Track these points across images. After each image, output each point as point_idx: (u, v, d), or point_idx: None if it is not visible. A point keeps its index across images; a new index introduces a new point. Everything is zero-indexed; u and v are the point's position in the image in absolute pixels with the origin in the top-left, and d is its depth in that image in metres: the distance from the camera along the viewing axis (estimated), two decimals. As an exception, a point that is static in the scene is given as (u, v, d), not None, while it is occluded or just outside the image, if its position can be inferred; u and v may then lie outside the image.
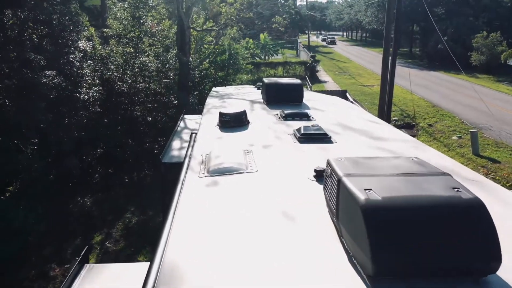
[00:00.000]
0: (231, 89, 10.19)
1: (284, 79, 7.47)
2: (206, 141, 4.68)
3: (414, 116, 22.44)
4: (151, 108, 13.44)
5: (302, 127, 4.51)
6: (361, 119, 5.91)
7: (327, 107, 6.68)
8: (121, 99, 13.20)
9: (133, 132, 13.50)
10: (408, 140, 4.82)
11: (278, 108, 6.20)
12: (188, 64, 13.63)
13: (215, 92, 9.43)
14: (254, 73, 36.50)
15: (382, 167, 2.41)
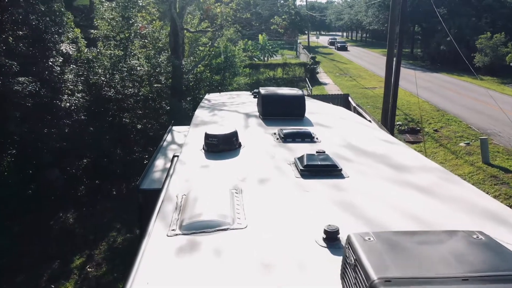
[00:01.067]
0: (225, 96, 9.31)
1: (284, 89, 6.59)
2: (187, 171, 3.80)
3: (419, 121, 21.56)
4: (141, 115, 12.56)
5: (306, 156, 3.62)
6: (373, 138, 5.04)
7: (333, 122, 5.81)
8: (109, 106, 12.32)
9: (121, 141, 12.63)
10: (435, 169, 3.94)
11: (276, 125, 5.33)
12: (181, 67, 12.75)
13: (207, 100, 8.56)
14: (252, 75, 35.64)
15: (436, 257, 1.53)
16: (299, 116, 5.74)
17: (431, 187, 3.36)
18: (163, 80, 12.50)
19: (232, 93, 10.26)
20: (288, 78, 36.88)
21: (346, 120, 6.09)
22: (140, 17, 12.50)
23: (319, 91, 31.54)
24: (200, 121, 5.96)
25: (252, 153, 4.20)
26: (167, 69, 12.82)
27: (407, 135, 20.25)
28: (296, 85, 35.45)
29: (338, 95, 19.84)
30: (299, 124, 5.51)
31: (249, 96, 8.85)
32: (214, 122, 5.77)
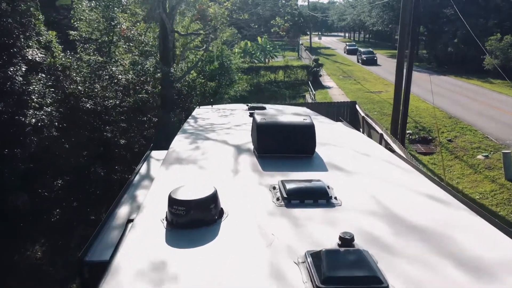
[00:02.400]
0: (216, 113, 7.88)
1: (286, 113, 5.10)
2: (138, 251, 2.39)
3: (431, 129, 20.09)
4: (125, 128, 11.11)
5: (326, 257, 2.15)
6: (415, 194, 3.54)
7: (351, 160, 4.34)
8: (88, 118, 10.87)
9: (102, 158, 11.19)
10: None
11: (276, 167, 3.89)
12: (170, 75, 11.32)
13: (193, 119, 7.15)
14: (253, 78, 34.21)
15: None
16: (308, 153, 4.29)
17: None
18: (149, 89, 11.06)
19: (225, 107, 8.81)
20: (290, 81, 35.43)
21: (368, 157, 4.61)
22: (122, 19, 11.06)
23: (323, 95, 30.10)
24: (175, 157, 4.50)
25: (237, 231, 2.73)
26: (154, 76, 11.38)
27: (418, 146, 18.78)
28: (299, 89, 34.04)
29: (345, 103, 18.37)
30: (308, 165, 4.07)
31: (243, 113, 7.43)
32: (192, 162, 4.33)
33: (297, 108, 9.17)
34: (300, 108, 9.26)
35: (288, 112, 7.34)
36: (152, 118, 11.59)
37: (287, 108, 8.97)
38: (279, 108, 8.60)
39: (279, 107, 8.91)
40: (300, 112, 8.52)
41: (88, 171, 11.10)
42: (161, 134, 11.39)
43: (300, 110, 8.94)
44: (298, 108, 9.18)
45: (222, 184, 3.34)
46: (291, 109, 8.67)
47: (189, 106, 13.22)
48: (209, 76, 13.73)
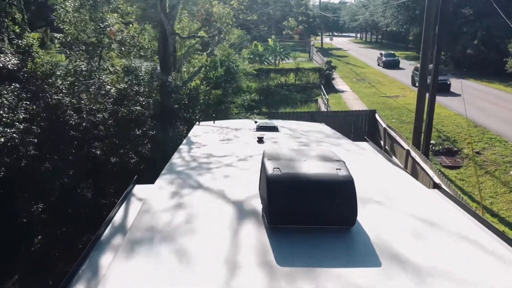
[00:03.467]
0: (215, 135, 6.49)
1: (311, 156, 3.57)
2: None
3: (456, 139, 18.48)
4: (116, 144, 9.77)
5: None
6: None
7: (418, 240, 2.86)
8: (75, 134, 9.54)
9: (91, 178, 9.87)
10: None
11: (298, 255, 2.48)
12: (167, 83, 9.94)
13: (187, 145, 5.80)
14: (263, 80, 32.78)
15: None
16: (346, 223, 2.85)
17: None
18: (144, 100, 9.68)
19: (229, 125, 7.38)
20: (301, 84, 33.94)
21: (439, 229, 3.13)
22: (113, 19, 9.68)
23: (336, 99, 28.57)
24: (147, 225, 3.09)
25: None
26: (150, 85, 10.01)
27: (442, 158, 17.17)
28: (310, 92, 32.52)
29: (363, 112, 16.83)
30: (347, 247, 2.64)
31: (250, 135, 6.02)
32: (167, 225, 2.95)
33: (315, 125, 7.71)
34: (318, 125, 7.80)
35: (309, 139, 5.91)
36: (148, 132, 10.21)
37: (304, 125, 7.50)
38: (294, 126, 7.15)
39: (293, 125, 7.43)
40: (319, 129, 7.07)
41: (75, 193, 9.79)
42: (157, 151, 10.01)
43: (319, 127, 7.48)
44: (317, 125, 7.72)
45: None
46: (308, 128, 7.21)
47: (190, 117, 11.83)
48: (213, 83, 12.33)
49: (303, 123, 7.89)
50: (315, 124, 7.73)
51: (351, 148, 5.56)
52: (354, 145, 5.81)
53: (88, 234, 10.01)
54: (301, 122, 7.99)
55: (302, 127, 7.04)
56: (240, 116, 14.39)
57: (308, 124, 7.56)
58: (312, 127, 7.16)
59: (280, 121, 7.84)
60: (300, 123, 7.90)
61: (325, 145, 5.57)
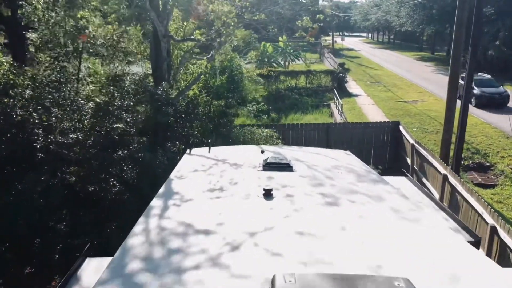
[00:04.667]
0: (208, 173, 4.77)
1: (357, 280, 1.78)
2: None
3: (487, 153, 16.57)
4: (95, 169, 8.15)
5: None
6: None
7: None
8: (44, 158, 7.93)
9: (62, 211, 8.24)
10: None
11: None
12: (157, 95, 8.28)
13: (174, 180, 4.20)
14: (272, 83, 31.05)
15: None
16: None
17: None
18: (128, 116, 8.00)
19: (228, 156, 5.65)
20: (313, 87, 32.15)
21: None
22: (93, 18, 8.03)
23: (350, 105, 26.72)
24: None
25: None
26: (138, 97, 8.36)
27: (474, 174, 15.27)
28: (322, 96, 30.71)
29: (386, 124, 14.96)
30: None
31: (254, 175, 4.30)
32: None
33: (339, 156, 5.94)
34: (343, 155, 6.03)
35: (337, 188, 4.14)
36: (134, 154, 8.53)
37: (325, 158, 5.73)
38: (312, 160, 5.38)
39: (310, 157, 5.65)
40: (345, 163, 5.34)
41: (45, 227, 8.15)
42: (144, 177, 8.35)
43: (345, 160, 5.73)
44: (341, 156, 5.95)
45: None
46: (331, 161, 5.45)
47: (188, 133, 10.13)
48: (214, 93, 10.64)
49: (323, 152, 6.11)
50: (338, 153, 5.98)
51: (400, 206, 3.80)
52: (403, 198, 4.05)
53: (60, 277, 8.38)
54: (320, 151, 6.22)
55: (323, 161, 5.29)
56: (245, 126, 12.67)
57: (330, 155, 5.80)
58: (337, 160, 5.41)
59: (293, 150, 6.11)
60: (319, 151, 6.13)
61: (361, 199, 3.84)
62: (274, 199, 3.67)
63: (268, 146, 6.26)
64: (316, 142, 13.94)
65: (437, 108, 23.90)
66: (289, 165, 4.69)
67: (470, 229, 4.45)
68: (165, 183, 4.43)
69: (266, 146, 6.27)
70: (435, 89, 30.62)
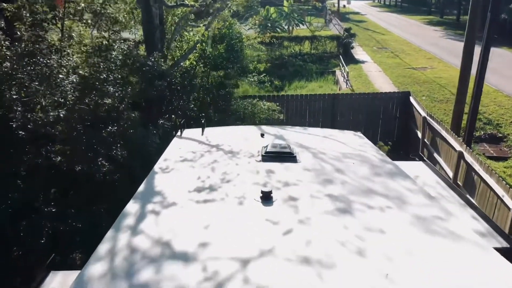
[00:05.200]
0: (198, 163, 4.12)
1: None
2: None
3: (499, 123, 15.81)
4: (81, 148, 7.55)
5: None
6: None
7: None
8: (24, 136, 7.32)
9: (49, 191, 7.73)
10: None
11: None
12: (147, 66, 7.54)
13: (158, 171, 3.57)
14: (275, 50, 29.96)
15: None
16: None
17: None
18: (116, 91, 7.29)
19: (222, 139, 4.97)
20: (317, 53, 31.02)
21: None
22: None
23: (356, 72, 25.72)
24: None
25: None
26: (127, 70, 7.61)
27: (485, 146, 14.57)
28: (327, 63, 29.65)
29: (395, 94, 14.12)
30: None
31: (251, 168, 3.64)
32: None
33: (350, 139, 5.24)
34: (354, 138, 5.33)
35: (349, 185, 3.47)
36: (126, 131, 7.88)
37: (334, 142, 5.03)
38: (319, 145, 4.69)
39: (317, 141, 4.96)
40: (357, 150, 4.64)
41: (24, 212, 7.64)
42: (135, 156, 7.73)
43: (356, 143, 5.05)
44: (352, 139, 5.25)
45: None
46: (342, 147, 4.77)
47: (184, 107, 9.43)
48: (212, 63, 9.82)
49: (331, 134, 5.38)
50: (348, 136, 5.27)
51: (426, 212, 3.14)
52: (427, 200, 3.38)
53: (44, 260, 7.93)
54: (327, 133, 5.50)
55: (331, 148, 4.60)
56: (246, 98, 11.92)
57: (339, 138, 5.10)
58: (347, 146, 4.72)
59: (297, 132, 5.41)
60: (326, 134, 5.42)
61: (380, 202, 3.18)
62: (274, 204, 3.03)
63: (269, 127, 5.56)
64: (321, 114, 13.21)
65: (447, 76, 22.95)
66: (292, 155, 4.02)
67: (503, 230, 3.81)
68: (146, 178, 3.79)
69: (267, 127, 5.59)
70: (445, 55, 29.45)
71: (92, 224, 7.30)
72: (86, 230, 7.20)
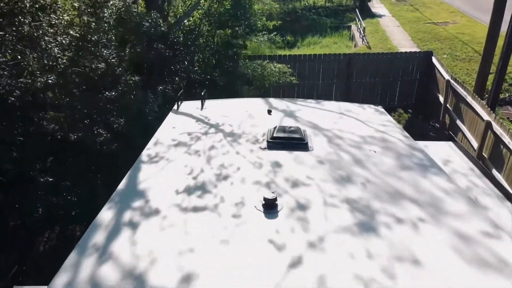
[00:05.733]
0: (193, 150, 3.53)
1: None
2: None
3: (527, 85, 14.80)
4: (74, 117, 7.03)
5: None
6: None
7: None
8: (13, 102, 6.77)
9: (44, 161, 7.31)
10: None
11: None
12: (145, 24, 6.81)
13: (144, 164, 3.02)
14: (288, 2, 28.52)
15: None
16: None
17: None
18: (111, 53, 6.61)
19: (226, 112, 4.34)
20: (332, 7, 29.51)
21: None
22: None
23: (373, 27, 24.39)
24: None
25: None
26: (121, 29, 6.90)
27: (509, 109, 13.73)
28: (343, 17, 28.19)
29: (416, 54, 13.12)
30: None
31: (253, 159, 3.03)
32: None
33: (366, 113, 4.57)
34: (369, 111, 4.64)
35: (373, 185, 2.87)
36: (123, 97, 7.27)
37: (349, 120, 4.38)
38: (334, 125, 4.05)
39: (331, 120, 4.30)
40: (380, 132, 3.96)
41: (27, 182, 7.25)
42: (133, 125, 7.19)
43: (371, 115, 4.40)
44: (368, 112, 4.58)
45: None
46: (361, 127, 4.12)
47: (187, 69, 8.73)
48: (218, 21, 8.97)
49: (348, 110, 4.69)
50: (367, 112, 4.58)
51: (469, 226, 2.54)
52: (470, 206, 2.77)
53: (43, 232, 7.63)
54: (343, 107, 4.80)
55: (348, 129, 3.95)
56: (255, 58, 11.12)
57: (357, 115, 4.42)
58: (366, 126, 4.07)
59: (308, 106, 4.74)
60: (342, 109, 4.73)
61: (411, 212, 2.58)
62: (279, 215, 2.45)
63: (278, 100, 4.89)
64: (335, 75, 12.37)
65: (471, 32, 21.57)
66: (303, 141, 3.40)
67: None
68: (130, 171, 3.23)
69: (276, 100, 4.92)
70: (468, 8, 27.70)
71: (89, 197, 6.89)
72: (82, 204, 6.79)
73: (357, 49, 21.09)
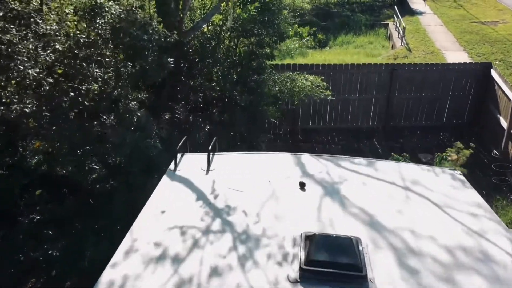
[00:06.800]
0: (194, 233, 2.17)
1: None
2: None
3: None
4: (63, 149, 5.87)
5: None
6: None
7: None
8: None
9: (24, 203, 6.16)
10: None
11: None
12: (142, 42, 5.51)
13: None
14: None
15: None
16: None
17: None
18: (105, 72, 5.34)
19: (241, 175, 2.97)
20: (368, 2, 27.63)
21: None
22: None
23: (413, 26, 22.44)
24: None
25: None
26: (116, 42, 5.61)
27: None
28: (379, 14, 26.29)
29: (471, 66, 11.35)
30: None
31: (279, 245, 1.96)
32: None
33: (443, 186, 3.11)
34: (447, 181, 3.17)
35: None
36: (122, 127, 6.02)
37: (418, 191, 2.92)
38: (413, 235, 2.61)
39: (404, 223, 2.85)
40: (462, 218, 2.55)
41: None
42: (134, 159, 5.93)
43: (451, 192, 2.96)
44: (446, 186, 3.12)
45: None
46: (432, 200, 2.67)
47: (202, 86, 7.41)
48: (240, 29, 7.52)
49: (415, 176, 3.22)
50: (445, 186, 3.12)
51: None
52: None
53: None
54: (412, 176, 3.33)
55: (424, 227, 2.52)
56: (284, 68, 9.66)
57: (431, 188, 2.96)
58: (451, 214, 2.63)
59: (358, 170, 3.33)
60: (407, 176, 3.28)
61: None
62: None
63: (315, 158, 3.52)
64: (375, 87, 10.79)
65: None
66: (359, 270, 2.00)
67: None
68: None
69: (312, 157, 3.54)
70: (519, 6, 25.33)
71: (75, 250, 5.66)
72: (67, 259, 5.57)
73: (395, 51, 19.32)
